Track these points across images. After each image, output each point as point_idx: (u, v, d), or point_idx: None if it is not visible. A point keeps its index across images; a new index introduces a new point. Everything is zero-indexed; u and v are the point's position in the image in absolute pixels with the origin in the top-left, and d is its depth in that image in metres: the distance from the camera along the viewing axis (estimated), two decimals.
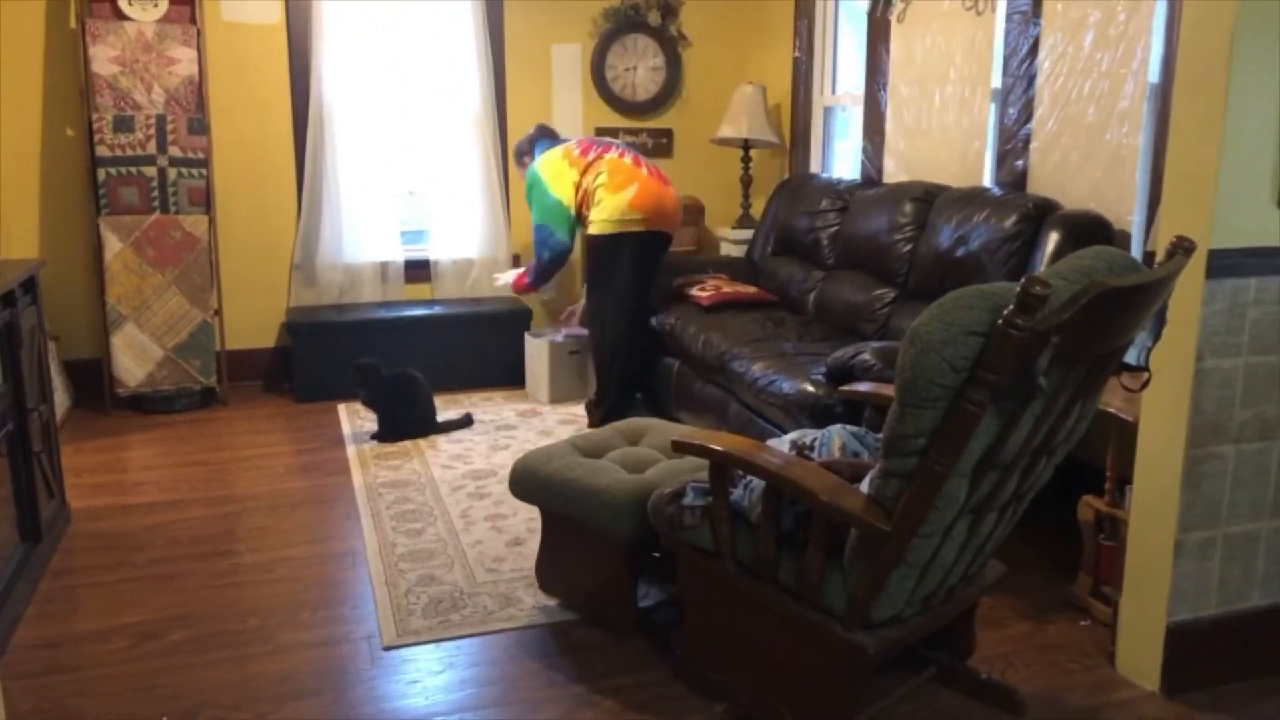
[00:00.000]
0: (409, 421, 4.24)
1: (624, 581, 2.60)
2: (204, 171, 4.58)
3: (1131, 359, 2.51)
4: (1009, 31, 3.68)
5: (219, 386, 4.74)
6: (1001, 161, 3.76)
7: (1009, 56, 3.68)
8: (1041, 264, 3.15)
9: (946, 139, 4.04)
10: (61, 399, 4.37)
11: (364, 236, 5.10)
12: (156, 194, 4.51)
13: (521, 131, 5.27)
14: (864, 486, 1.98)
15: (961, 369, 1.73)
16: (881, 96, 4.42)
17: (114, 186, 4.46)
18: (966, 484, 1.86)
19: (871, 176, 4.51)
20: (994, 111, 3.81)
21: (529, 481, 2.75)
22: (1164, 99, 3.04)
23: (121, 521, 3.40)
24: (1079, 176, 3.39)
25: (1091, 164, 3.34)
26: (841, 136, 5.10)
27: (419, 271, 5.27)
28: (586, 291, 4.52)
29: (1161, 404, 2.32)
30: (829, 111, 5.12)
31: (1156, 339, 2.32)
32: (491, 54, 5.17)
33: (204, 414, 4.64)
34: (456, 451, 4.08)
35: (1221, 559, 2.38)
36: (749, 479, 2.18)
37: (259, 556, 3.14)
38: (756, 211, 5.34)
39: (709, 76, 5.59)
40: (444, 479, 3.77)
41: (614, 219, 4.24)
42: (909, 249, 3.84)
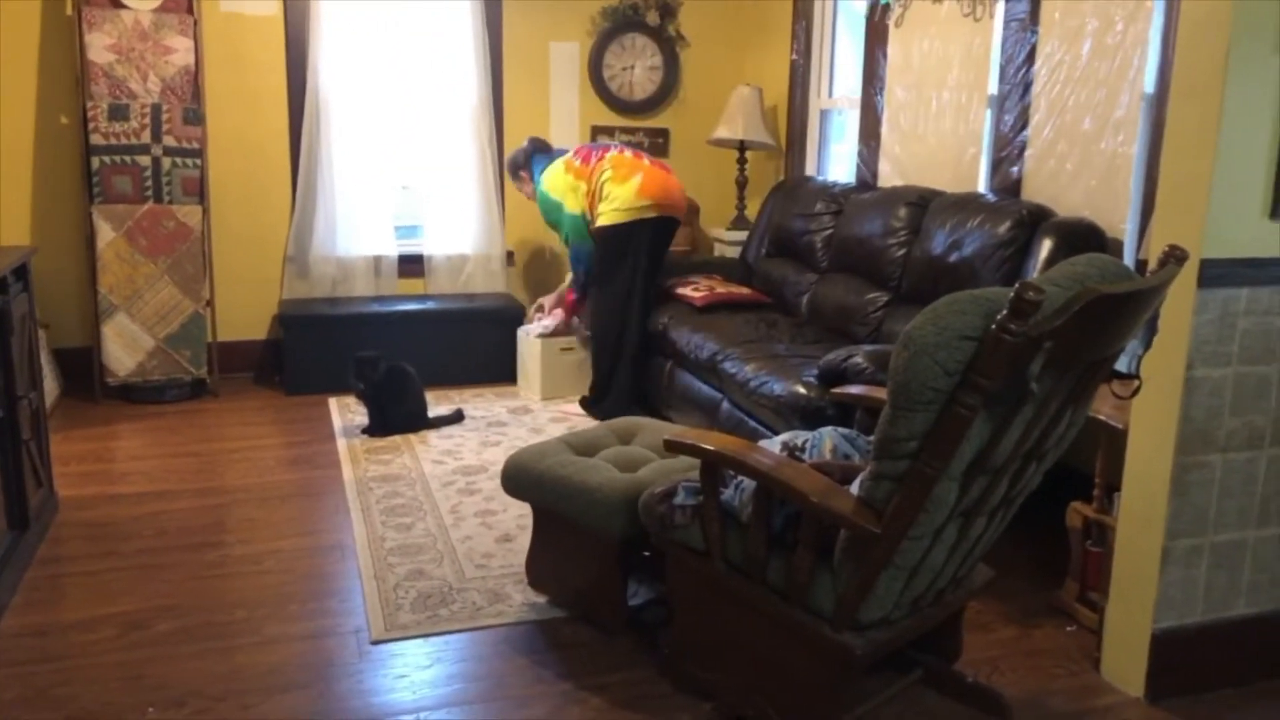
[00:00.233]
0: (400, 416, 4.23)
1: (614, 579, 2.61)
2: (198, 162, 4.57)
3: (1122, 366, 2.53)
4: (1006, 38, 3.69)
5: (209, 378, 4.73)
6: (996, 167, 3.77)
7: (1006, 63, 3.70)
8: (1035, 270, 3.17)
9: (942, 144, 4.06)
10: (51, 387, 4.35)
11: (358, 230, 5.09)
12: (150, 183, 4.49)
13: (519, 129, 5.30)
14: (854, 488, 1.99)
15: (954, 373, 1.74)
16: (878, 100, 4.44)
17: (107, 175, 4.44)
18: (957, 488, 1.87)
19: (866, 180, 4.52)
20: (990, 118, 3.82)
21: (521, 478, 2.75)
22: (1159, 109, 3.06)
23: (110, 511, 3.39)
24: (1073, 184, 3.40)
25: (1086, 172, 3.35)
26: (837, 139, 5.11)
27: (412, 266, 5.27)
28: (592, 284, 4.52)
29: (1151, 412, 2.33)
30: (825, 114, 5.13)
31: (1147, 347, 2.34)
32: (489, 51, 5.17)
33: (194, 405, 4.62)
34: (447, 447, 4.08)
35: (1208, 567, 2.39)
36: (740, 479, 2.19)
37: (248, 548, 3.13)
38: (751, 213, 5.34)
39: (706, 77, 5.59)
40: (434, 474, 3.76)
41: (624, 208, 4.30)
42: (903, 253, 3.85)
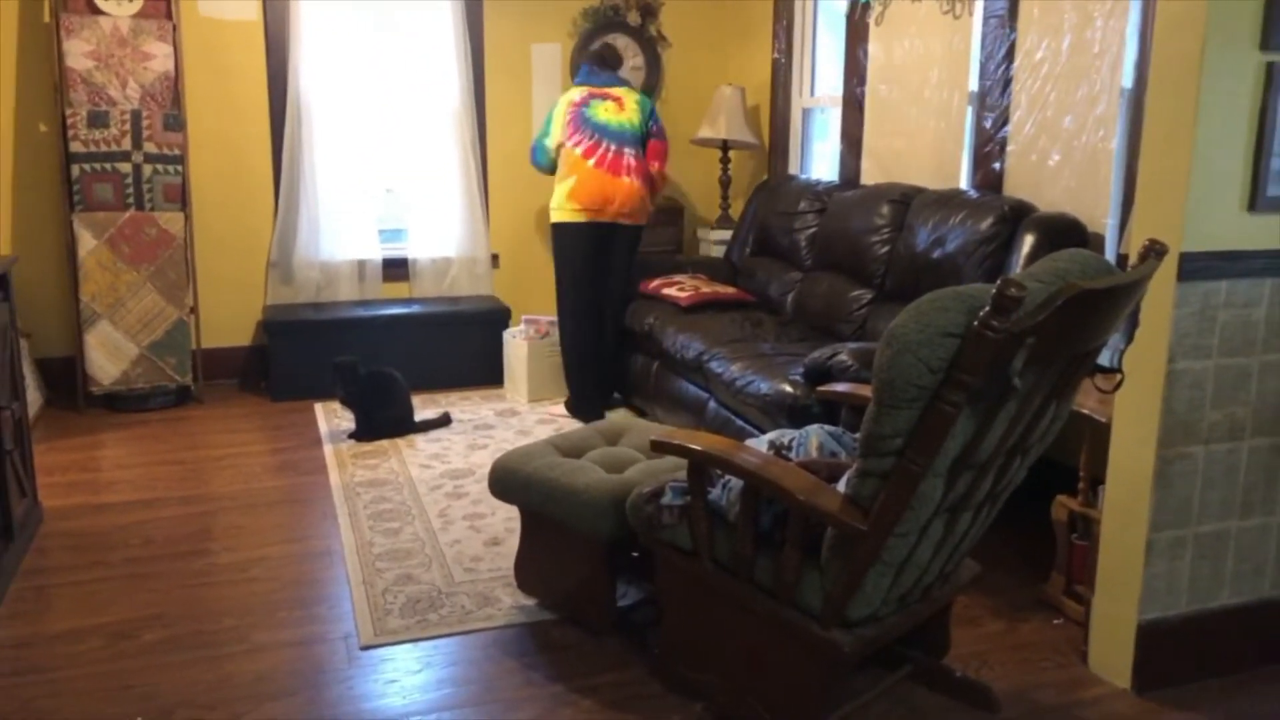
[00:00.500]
0: (386, 421, 4.22)
1: (603, 581, 2.61)
2: (180, 168, 4.55)
3: (1105, 361, 2.54)
4: (986, 35, 3.71)
5: (194, 385, 4.70)
6: (978, 164, 3.79)
7: (986, 60, 3.71)
8: (1017, 266, 3.19)
9: (924, 141, 4.07)
10: (34, 397, 4.32)
11: (341, 234, 5.08)
12: (131, 190, 4.47)
13: (501, 131, 5.32)
14: (841, 486, 1.99)
15: (938, 370, 1.75)
16: (860, 98, 4.45)
17: (88, 183, 4.41)
18: (942, 484, 1.88)
19: (849, 178, 4.54)
20: (971, 114, 3.84)
21: (509, 481, 2.75)
22: (1137, 104, 3.08)
23: (95, 521, 3.37)
24: (1055, 179, 3.42)
25: (1067, 167, 3.37)
26: (820, 138, 5.13)
27: (397, 270, 5.26)
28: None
29: (1134, 405, 2.35)
30: (808, 113, 5.15)
31: (1129, 341, 2.35)
32: (471, 53, 5.16)
33: (179, 412, 4.60)
34: (434, 451, 4.07)
35: (1192, 558, 2.41)
36: (727, 478, 2.19)
37: (235, 556, 3.12)
38: (735, 212, 5.36)
39: (688, 77, 5.60)
40: (422, 478, 3.76)
41: (555, 206, 4.40)
42: (886, 250, 3.86)
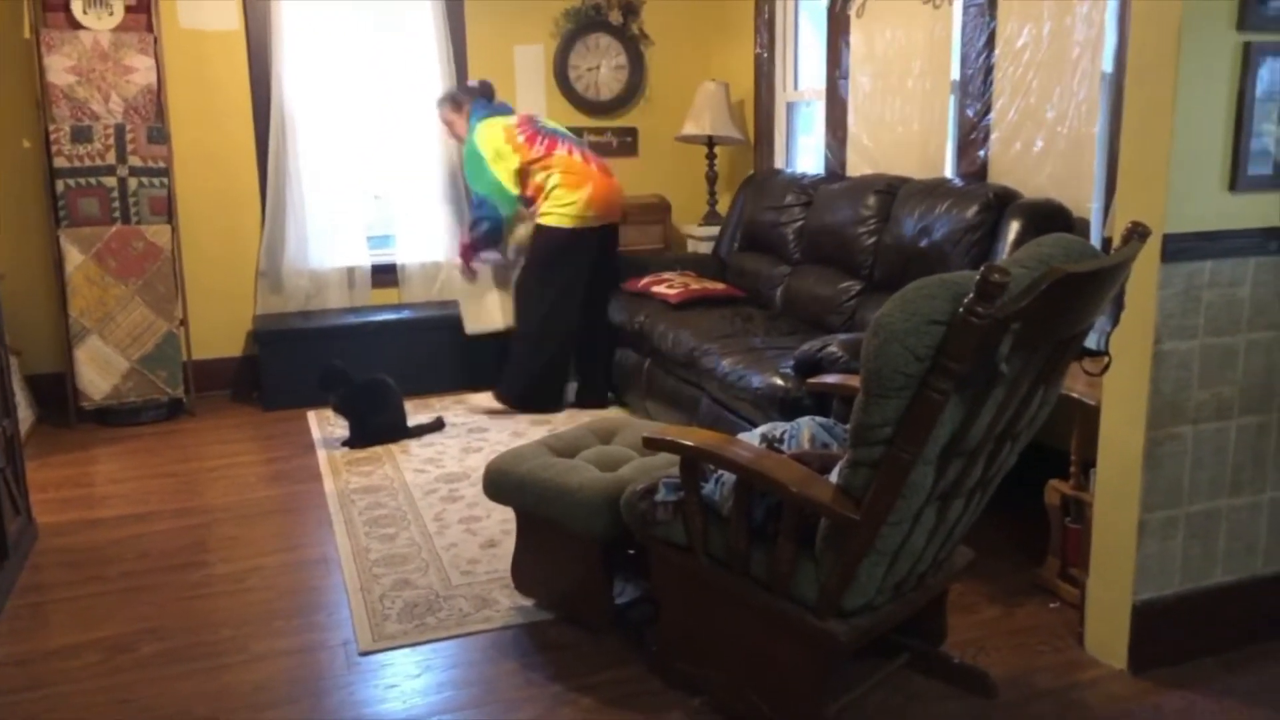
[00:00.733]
0: (380, 427, 4.22)
1: (599, 579, 2.61)
2: (165, 181, 4.54)
3: (1092, 344, 2.55)
4: (966, 24, 3.72)
5: (186, 397, 4.69)
6: (962, 152, 3.80)
7: (967, 49, 3.73)
8: (1003, 253, 3.20)
9: (908, 131, 4.08)
10: (25, 414, 4.31)
11: (330, 242, 5.07)
12: (117, 204, 4.46)
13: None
14: (833, 477, 2.00)
15: (924, 358, 1.76)
16: (843, 91, 4.46)
17: (73, 198, 4.40)
18: (933, 471, 1.88)
19: (835, 170, 4.55)
20: (954, 103, 3.85)
21: (502, 483, 2.75)
22: (1118, 89, 3.09)
23: (90, 536, 3.36)
24: (1039, 166, 3.44)
25: (1051, 153, 3.39)
26: (805, 131, 5.13)
27: (386, 276, 5.25)
28: (526, 278, 4.57)
29: (1122, 387, 2.36)
30: (792, 107, 5.16)
31: (1115, 323, 2.36)
32: (454, 56, 5.16)
33: (171, 425, 4.59)
34: (428, 455, 4.07)
35: (1184, 538, 2.42)
36: (720, 473, 2.20)
37: (231, 566, 3.12)
38: (722, 208, 5.36)
39: (672, 74, 5.61)
40: (416, 483, 3.76)
41: (574, 215, 4.43)
42: (873, 241, 3.87)
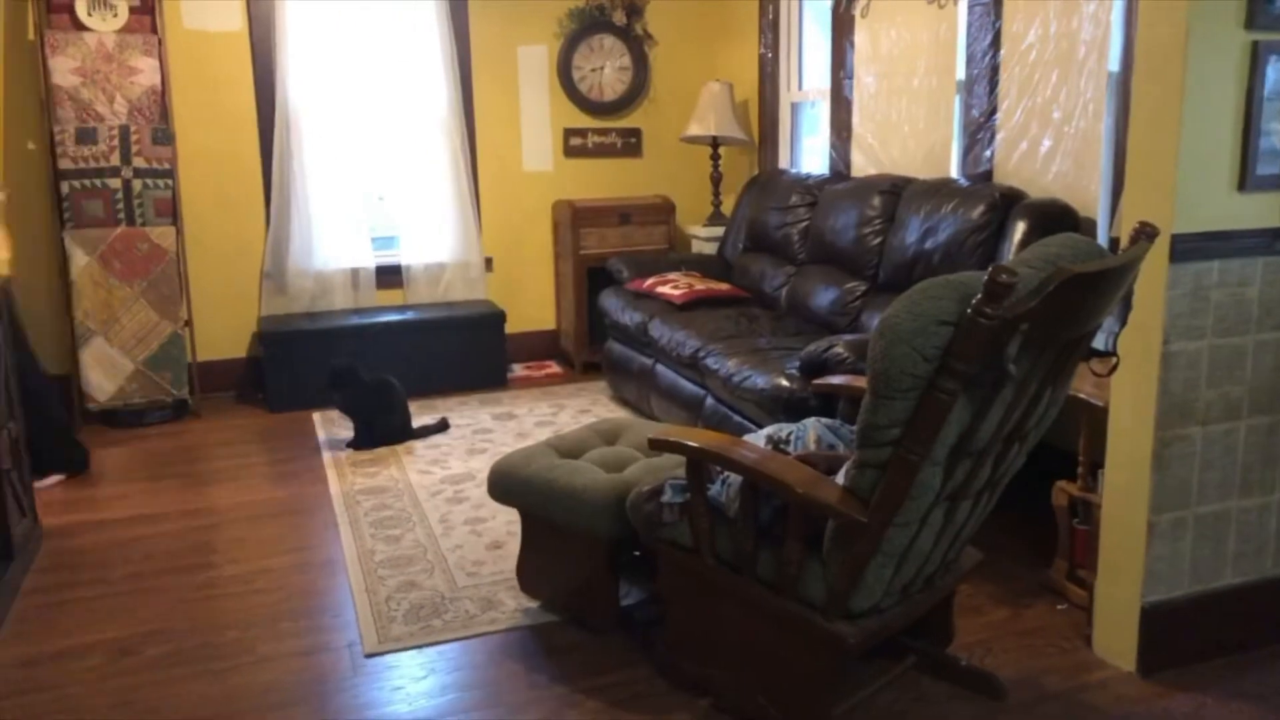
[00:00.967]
0: (385, 428, 4.22)
1: (605, 581, 2.61)
2: (170, 182, 4.54)
3: (1100, 344, 2.55)
4: (971, 23, 3.71)
5: (191, 398, 4.70)
6: (968, 152, 3.79)
7: (973, 48, 3.72)
8: (1009, 253, 3.19)
9: (913, 131, 4.07)
10: None
11: (334, 243, 5.07)
12: (122, 206, 4.46)
13: (491, 135, 5.32)
14: (840, 478, 1.99)
15: (932, 358, 1.75)
16: (847, 90, 4.45)
17: (78, 200, 4.41)
18: (940, 472, 1.88)
19: (840, 171, 4.54)
20: (959, 103, 3.84)
21: (507, 484, 2.75)
22: (1125, 88, 3.08)
23: (95, 538, 3.36)
24: (1045, 166, 3.42)
25: (1057, 153, 3.37)
26: (810, 132, 5.13)
27: (391, 277, 5.25)
28: None
29: (1130, 388, 2.35)
30: (796, 107, 5.15)
31: (1123, 324, 2.35)
32: (458, 57, 5.16)
33: (177, 426, 4.59)
34: (434, 456, 4.07)
35: (1193, 539, 2.41)
36: (726, 474, 2.19)
37: (237, 568, 3.11)
38: (727, 209, 5.36)
39: (676, 75, 5.60)
40: (421, 484, 3.75)
41: None
42: (878, 242, 3.87)
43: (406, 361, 4.73)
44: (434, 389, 4.89)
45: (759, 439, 2.42)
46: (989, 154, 3.67)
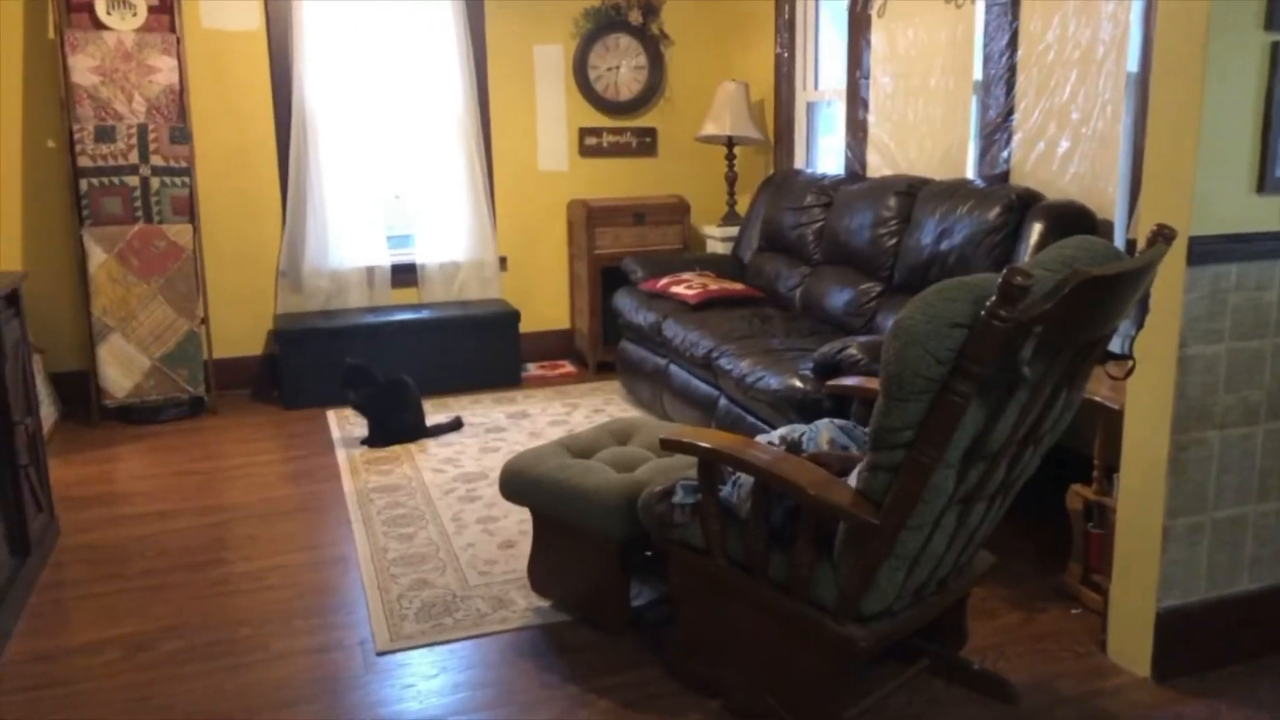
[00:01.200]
0: (399, 426, 4.23)
1: (616, 581, 2.60)
2: (187, 180, 4.57)
3: (1116, 347, 2.53)
4: (989, 24, 3.69)
5: (207, 395, 4.72)
6: (984, 153, 3.77)
7: (990, 48, 3.69)
8: (1025, 255, 3.17)
9: (930, 132, 4.06)
10: (48, 411, 4.35)
11: (350, 242, 5.09)
12: (140, 204, 4.49)
13: (507, 134, 5.32)
14: (852, 480, 1.99)
15: (946, 361, 1.74)
16: (864, 90, 4.44)
17: (96, 197, 4.44)
18: (954, 475, 1.87)
19: (855, 171, 4.52)
20: (976, 104, 3.82)
21: (519, 483, 2.75)
22: (1143, 88, 3.06)
23: (111, 533, 3.38)
24: (1062, 167, 3.40)
25: (1074, 155, 3.35)
26: (825, 131, 5.11)
27: (406, 276, 5.27)
28: None
29: (1146, 391, 2.33)
30: (812, 107, 5.13)
31: (1140, 327, 2.34)
32: (473, 57, 5.16)
33: (193, 423, 4.62)
34: (447, 455, 4.08)
35: (1210, 544, 2.39)
36: (738, 475, 2.18)
37: (250, 565, 3.13)
38: (742, 208, 5.35)
39: (691, 74, 5.59)
40: (434, 483, 3.76)
41: None
42: (894, 243, 3.85)
43: (421, 360, 4.75)
44: (448, 388, 4.90)
45: (772, 440, 2.42)
46: (1006, 155, 3.65)
